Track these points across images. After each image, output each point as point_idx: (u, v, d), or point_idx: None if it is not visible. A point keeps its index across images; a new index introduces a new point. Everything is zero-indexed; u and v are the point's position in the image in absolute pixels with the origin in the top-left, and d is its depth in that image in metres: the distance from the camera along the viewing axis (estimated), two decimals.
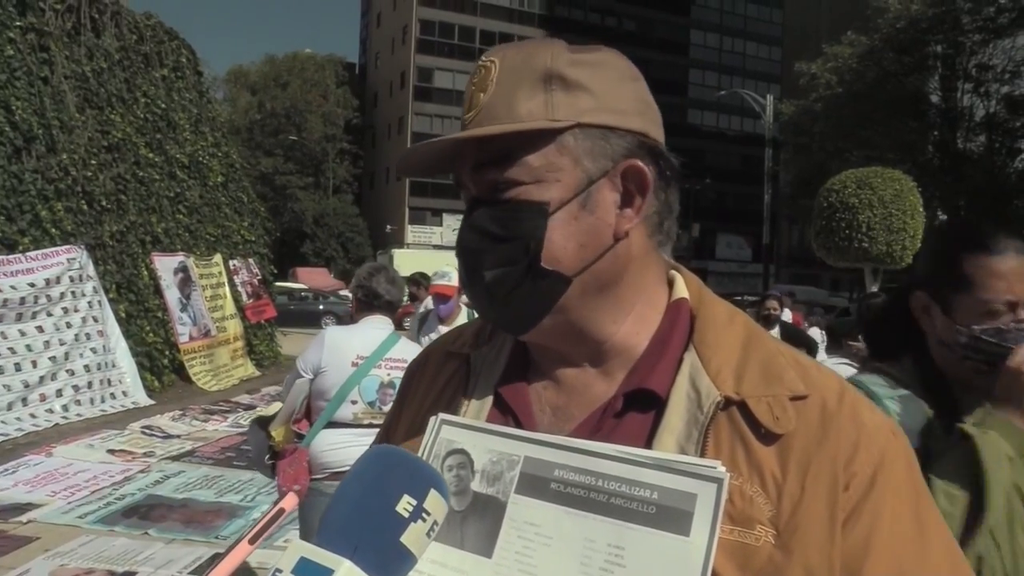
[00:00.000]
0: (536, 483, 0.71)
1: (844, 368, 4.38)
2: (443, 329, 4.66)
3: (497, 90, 0.75)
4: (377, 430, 1.04)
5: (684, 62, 59.30)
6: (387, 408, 2.98)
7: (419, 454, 0.76)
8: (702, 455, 0.69)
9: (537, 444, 0.72)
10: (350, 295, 3.46)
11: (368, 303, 3.25)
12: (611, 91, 0.76)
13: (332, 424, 3.07)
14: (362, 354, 3.10)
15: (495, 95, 0.75)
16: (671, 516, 0.65)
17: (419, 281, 6.73)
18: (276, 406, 3.29)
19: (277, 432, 3.10)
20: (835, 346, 4.87)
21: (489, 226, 0.75)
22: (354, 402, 3.06)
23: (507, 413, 0.80)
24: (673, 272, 0.85)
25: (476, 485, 0.73)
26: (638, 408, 0.76)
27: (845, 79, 30.62)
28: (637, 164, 0.76)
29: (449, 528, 0.71)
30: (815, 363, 0.78)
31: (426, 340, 4.80)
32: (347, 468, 3.19)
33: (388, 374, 3.10)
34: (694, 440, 0.70)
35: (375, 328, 3.21)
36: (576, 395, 0.80)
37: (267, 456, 3.10)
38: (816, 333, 8.27)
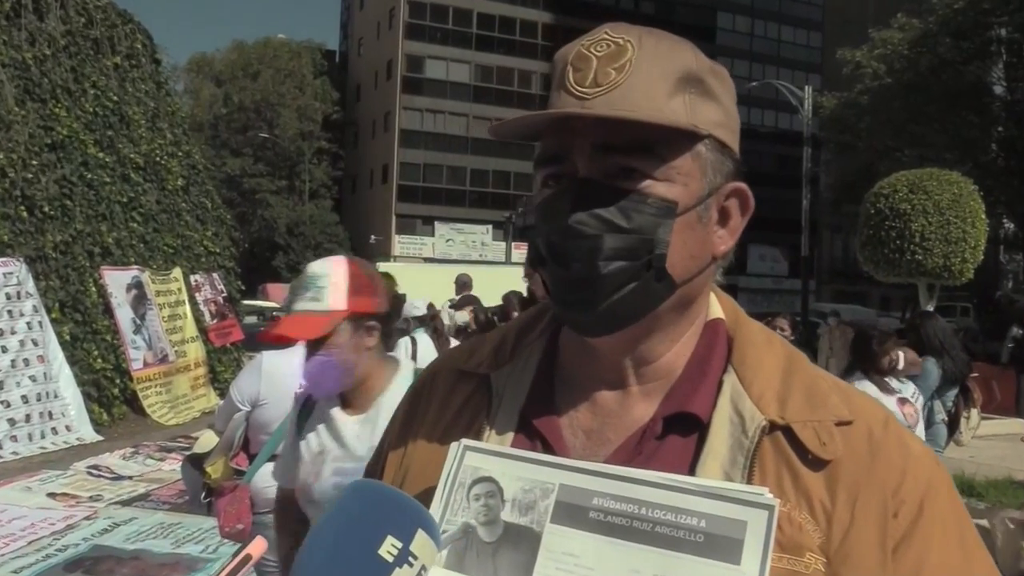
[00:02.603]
0: (573, 512, 0.76)
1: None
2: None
3: (636, 75, 0.81)
4: None
5: (711, 49, 59.52)
6: None
7: (440, 482, 0.81)
8: (748, 481, 0.77)
9: (573, 471, 0.78)
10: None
11: None
12: (732, 109, 0.87)
13: (276, 457, 3.12)
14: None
15: (635, 79, 0.81)
16: (721, 545, 0.71)
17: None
18: (206, 439, 3.33)
19: (214, 468, 3.19)
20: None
21: (610, 214, 0.80)
22: None
23: (535, 438, 0.87)
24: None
25: (507, 515, 0.78)
26: (678, 432, 0.83)
27: (895, 68, 30.72)
28: (744, 187, 0.87)
29: (480, 560, 0.77)
30: (855, 389, 0.88)
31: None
32: None
33: None
34: (739, 466, 0.78)
35: None
36: (612, 418, 0.86)
37: (203, 495, 3.21)
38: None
